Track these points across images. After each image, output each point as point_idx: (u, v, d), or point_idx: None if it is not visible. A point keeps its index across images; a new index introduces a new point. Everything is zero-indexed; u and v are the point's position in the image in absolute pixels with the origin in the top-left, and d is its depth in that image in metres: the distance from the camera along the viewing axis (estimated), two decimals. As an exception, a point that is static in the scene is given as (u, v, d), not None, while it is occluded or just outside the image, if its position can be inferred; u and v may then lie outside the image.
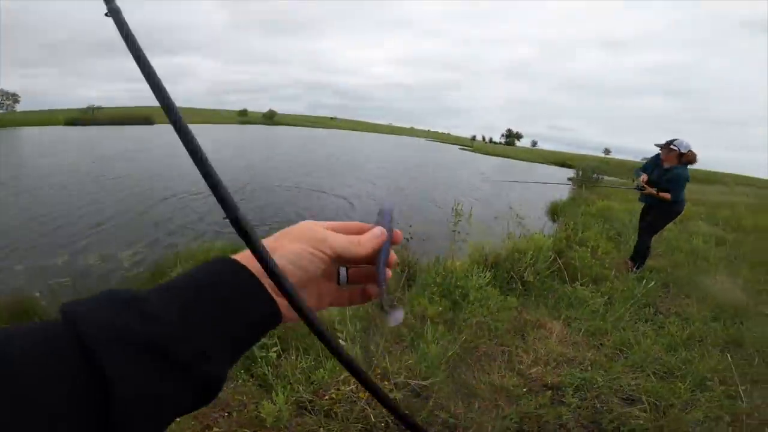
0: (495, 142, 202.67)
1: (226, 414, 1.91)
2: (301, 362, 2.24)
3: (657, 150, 4.60)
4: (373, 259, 0.42)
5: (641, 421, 2.04)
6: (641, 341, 2.94)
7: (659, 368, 2.60)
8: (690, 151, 4.23)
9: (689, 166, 4.36)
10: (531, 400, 2.17)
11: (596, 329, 3.20)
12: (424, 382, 2.11)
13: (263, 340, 2.15)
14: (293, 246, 0.38)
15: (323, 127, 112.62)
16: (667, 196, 4.31)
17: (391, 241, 0.43)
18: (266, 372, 2.11)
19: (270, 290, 0.35)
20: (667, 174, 4.33)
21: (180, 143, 0.35)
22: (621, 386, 2.36)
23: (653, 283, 4.15)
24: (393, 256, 0.44)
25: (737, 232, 7.88)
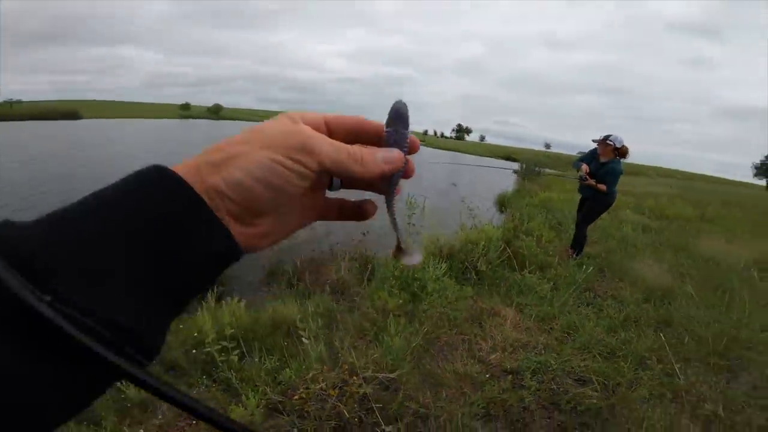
0: (446, 137, 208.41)
1: (194, 422, 1.75)
2: (265, 363, 2.12)
3: (594, 145, 4.93)
4: (377, 184, 0.32)
5: (594, 401, 2.19)
6: (585, 324, 3.15)
7: (603, 349, 2.81)
8: (624, 145, 4.59)
9: (622, 160, 4.73)
10: (494, 386, 2.24)
11: (545, 314, 3.38)
12: (391, 375, 2.11)
13: (222, 343, 2.01)
14: (260, 154, 0.26)
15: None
16: (603, 187, 4.66)
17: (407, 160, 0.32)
18: (229, 376, 1.97)
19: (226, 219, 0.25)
20: (604, 167, 4.68)
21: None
22: (572, 368, 2.52)
23: (591, 269, 4.48)
24: (411, 164, 0.33)
25: (661, 220, 8.76)
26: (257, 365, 2.13)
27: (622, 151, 4.62)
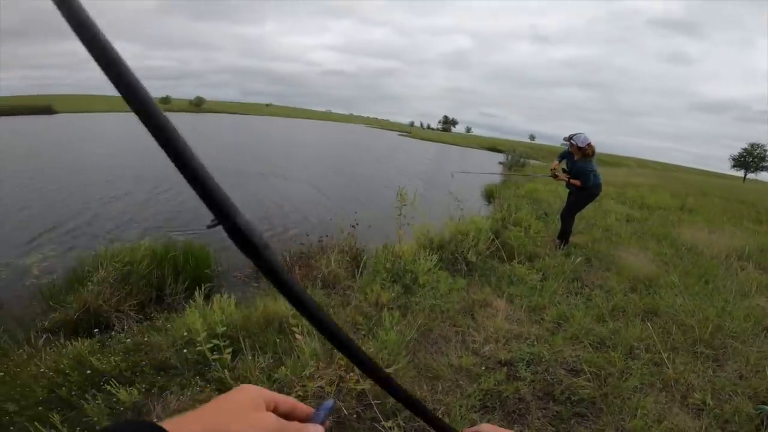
0: (432, 129, 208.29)
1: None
2: (259, 361, 2.07)
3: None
4: None
5: (588, 391, 2.22)
6: (575, 314, 3.19)
7: (593, 339, 2.85)
8: (588, 144, 4.69)
9: (602, 152, 4.81)
10: (489, 378, 2.24)
11: (536, 305, 3.41)
12: (388, 370, 2.07)
13: (214, 341, 1.95)
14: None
15: (257, 114, 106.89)
16: (578, 183, 4.85)
17: None
18: (223, 375, 1.91)
19: None
20: (575, 166, 4.88)
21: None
22: (565, 358, 2.55)
23: (579, 259, 4.54)
24: None
25: (643, 210, 8.95)
26: (251, 363, 2.08)
27: (585, 151, 4.72)
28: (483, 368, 2.40)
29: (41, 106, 41.68)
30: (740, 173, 45.64)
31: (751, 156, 44.40)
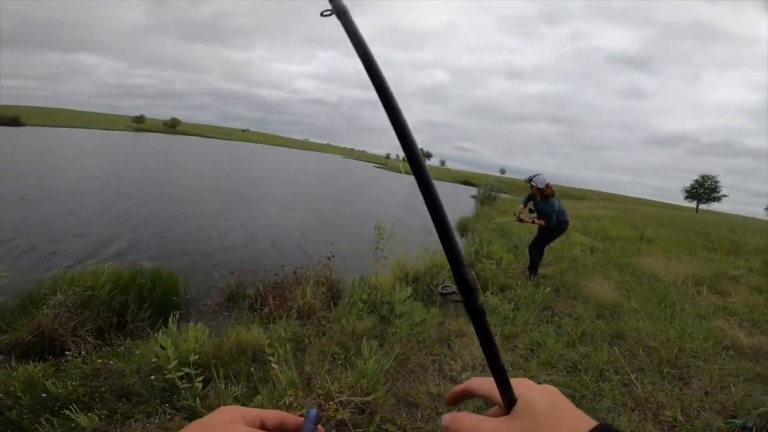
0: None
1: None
2: (232, 390, 1.99)
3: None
4: None
5: (563, 414, 2.24)
6: (547, 341, 3.28)
7: (565, 364, 2.94)
8: (547, 185, 5.02)
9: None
10: (468, 405, 2.24)
11: (509, 333, 3.48)
12: (367, 398, 2.05)
13: (184, 369, 1.87)
14: None
15: (232, 139, 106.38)
16: (541, 222, 5.15)
17: None
18: (193, 404, 1.82)
19: None
20: (537, 206, 5.20)
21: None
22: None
23: (548, 289, 4.71)
24: None
25: (605, 241, 9.42)
26: (224, 392, 1.99)
27: (545, 192, 5.03)
28: (461, 395, 2.40)
29: (9, 117, 40.03)
30: (693, 204, 48.09)
31: (702, 187, 46.69)
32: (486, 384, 0.37)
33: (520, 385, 0.34)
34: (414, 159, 0.32)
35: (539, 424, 0.29)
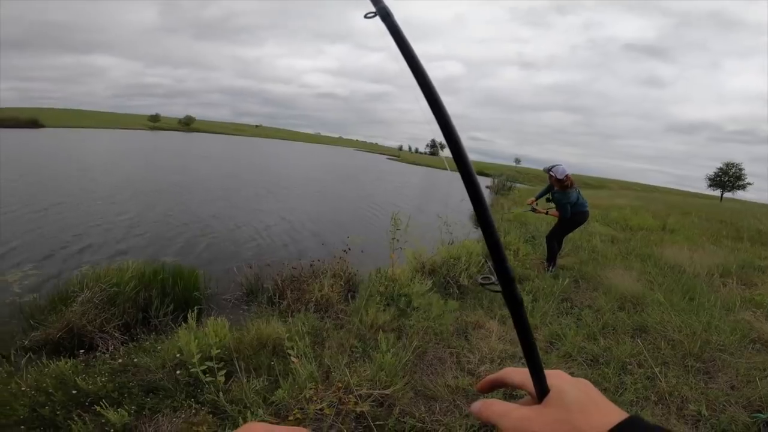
0: (421, 152, 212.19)
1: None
2: (254, 384, 2.03)
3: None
4: None
5: (585, 407, 2.22)
6: (567, 333, 3.23)
7: (586, 356, 2.89)
8: (566, 176, 4.84)
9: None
10: (486, 397, 2.23)
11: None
12: (386, 391, 2.07)
13: (206, 363, 1.92)
14: None
15: (245, 135, 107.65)
16: (556, 213, 5.04)
17: None
18: (216, 398, 1.87)
19: None
20: (554, 197, 5.06)
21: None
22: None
23: (567, 280, 4.63)
24: None
25: (626, 231, 9.18)
26: (245, 386, 2.04)
27: (563, 183, 4.86)
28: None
29: (28, 119, 41.24)
30: (717, 192, 46.61)
31: (726, 175, 45.35)
32: (519, 374, 0.38)
33: (553, 375, 0.35)
34: (459, 156, 0.34)
35: (571, 414, 0.31)
